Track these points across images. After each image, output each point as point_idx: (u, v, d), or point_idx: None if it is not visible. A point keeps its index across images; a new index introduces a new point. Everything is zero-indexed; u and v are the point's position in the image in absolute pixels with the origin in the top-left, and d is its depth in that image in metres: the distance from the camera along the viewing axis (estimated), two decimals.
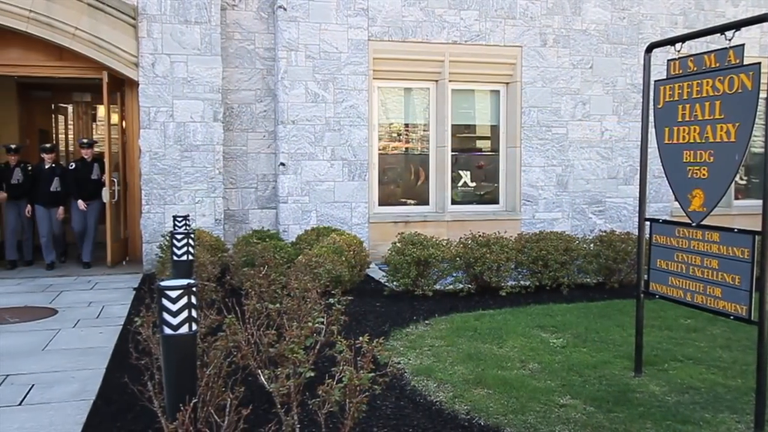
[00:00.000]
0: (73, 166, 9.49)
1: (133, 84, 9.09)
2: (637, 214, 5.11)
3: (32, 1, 8.33)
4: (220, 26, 9.02)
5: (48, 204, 9.27)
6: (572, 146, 10.52)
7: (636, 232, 5.09)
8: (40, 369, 4.86)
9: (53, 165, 9.39)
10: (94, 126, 13.27)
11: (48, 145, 9.73)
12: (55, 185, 9.29)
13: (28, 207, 9.31)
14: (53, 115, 12.72)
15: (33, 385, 4.50)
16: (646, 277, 4.69)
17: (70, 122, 13.16)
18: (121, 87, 9.58)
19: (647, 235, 4.65)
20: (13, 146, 9.33)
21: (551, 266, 7.46)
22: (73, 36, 8.53)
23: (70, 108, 13.03)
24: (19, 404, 4.16)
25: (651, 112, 4.61)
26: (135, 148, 9.38)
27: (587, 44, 10.49)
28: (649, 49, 4.70)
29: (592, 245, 7.95)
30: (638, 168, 7.33)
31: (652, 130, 4.59)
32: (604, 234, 8.05)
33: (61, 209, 9.39)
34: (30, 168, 9.39)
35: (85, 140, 9.93)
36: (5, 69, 9.23)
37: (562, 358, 5.10)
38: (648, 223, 4.67)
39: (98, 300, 7.19)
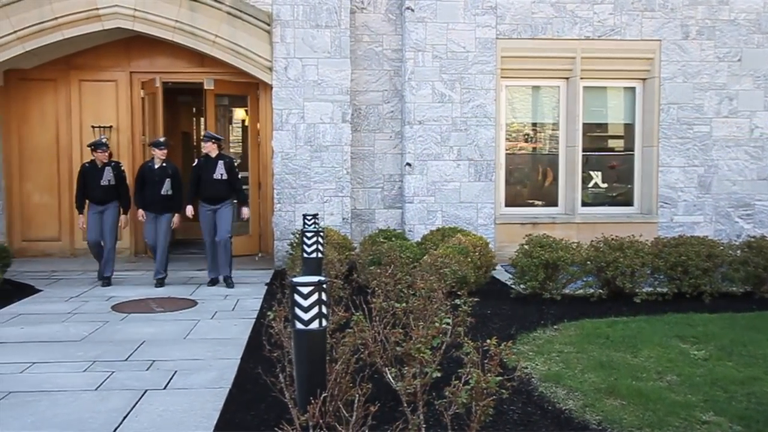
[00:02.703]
0: (196, 163, 8.30)
1: (267, 87, 9.49)
2: None
3: (178, 11, 8.90)
4: (349, 29, 9.22)
5: (158, 210, 8.07)
6: (716, 145, 9.82)
7: None
8: (182, 356, 5.17)
9: (164, 164, 8.16)
10: (230, 128, 14.01)
11: (162, 139, 8.36)
12: (166, 188, 8.06)
13: (123, 218, 8.29)
14: (194, 118, 13.55)
15: (176, 371, 4.79)
16: None
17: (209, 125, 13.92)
18: (256, 90, 10.04)
19: None
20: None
21: (692, 273, 7.00)
22: (213, 43, 9.03)
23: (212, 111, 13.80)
24: (164, 388, 4.45)
25: None
26: (268, 149, 9.79)
27: (735, 35, 9.75)
28: None
29: (738, 251, 7.38)
30: None
31: None
32: (753, 239, 7.45)
33: (177, 216, 8.21)
34: (122, 167, 8.43)
35: (203, 132, 8.81)
36: (155, 76, 9.96)
37: (705, 371, 4.76)
38: None
39: (233, 293, 7.56)
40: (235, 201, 8.26)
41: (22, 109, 9.97)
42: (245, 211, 8.31)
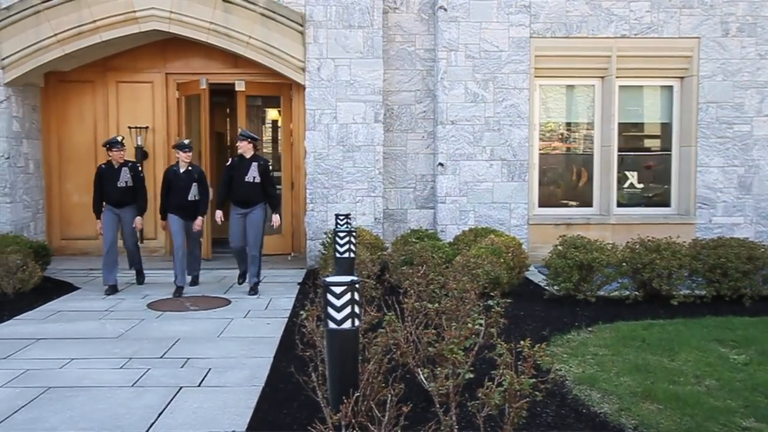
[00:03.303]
0: (229, 163, 7.84)
1: (300, 88, 9.55)
2: None
3: (212, 13, 9.01)
4: (382, 29, 9.22)
5: (186, 215, 7.70)
6: (758, 145, 9.58)
7: None
8: (216, 354, 5.22)
9: (189, 168, 7.73)
10: (263, 128, 14.13)
11: (186, 142, 7.94)
12: (193, 193, 7.70)
13: (138, 219, 7.86)
14: (228, 119, 13.69)
15: (210, 369, 4.85)
16: None
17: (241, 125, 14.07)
18: (289, 91, 10.11)
19: None
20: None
21: (731, 275, 6.84)
22: (247, 44, 9.11)
23: (243, 112, 13.95)
24: (198, 385, 4.50)
25: None
26: (301, 149, 9.84)
27: None
28: None
29: None
30: None
31: None
32: None
33: (199, 220, 7.79)
34: (141, 168, 8.06)
35: (239, 130, 8.17)
36: (190, 77, 10.12)
37: (745, 376, 4.64)
38: None
39: (266, 292, 7.61)
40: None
41: (61, 110, 10.19)
42: (276, 219, 7.78)
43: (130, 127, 10.18)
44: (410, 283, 4.84)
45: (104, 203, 7.79)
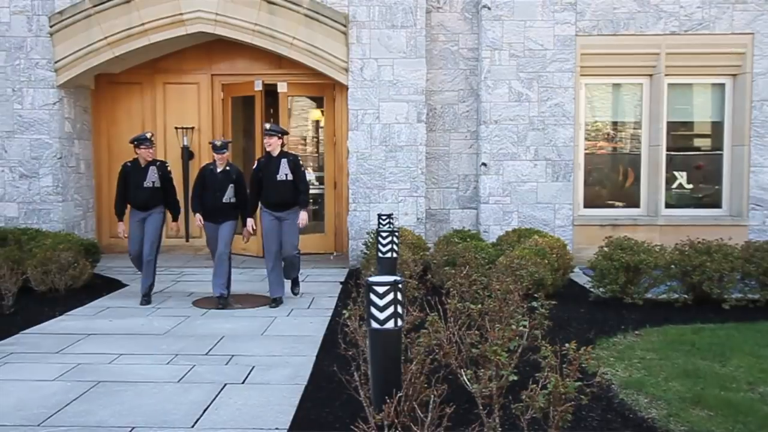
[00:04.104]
0: (256, 165, 7.19)
1: (343, 88, 9.59)
2: None
3: (257, 15, 9.11)
4: (425, 29, 9.19)
5: (218, 218, 7.03)
6: None
7: None
8: (260, 352, 5.27)
9: (227, 168, 7.09)
10: (306, 129, 14.23)
11: (219, 142, 7.15)
12: (229, 195, 7.03)
13: (174, 225, 7.55)
14: (271, 119, 13.81)
15: (254, 366, 4.90)
16: None
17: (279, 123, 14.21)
18: (332, 91, 10.16)
19: None
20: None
21: None
22: (291, 45, 9.19)
23: (285, 112, 14.08)
24: (242, 382, 4.55)
25: None
26: (343, 149, 9.89)
27: None
28: None
29: None
30: None
31: None
32: None
33: (249, 223, 7.14)
34: (169, 167, 7.46)
35: (267, 125, 7.17)
36: (235, 78, 10.27)
37: None
38: None
39: (309, 292, 7.66)
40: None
41: (110, 111, 10.44)
42: (303, 217, 6.99)
43: (176, 128, 10.38)
44: (453, 283, 4.82)
45: (128, 205, 7.23)
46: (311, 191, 10.61)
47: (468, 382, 3.50)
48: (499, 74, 9.23)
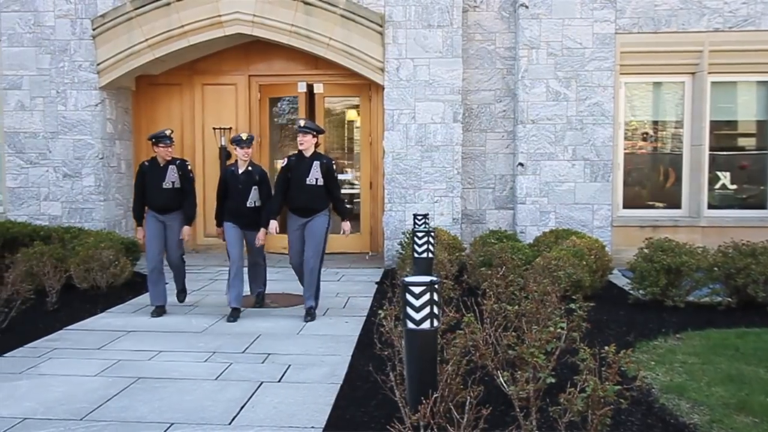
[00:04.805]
0: (285, 162, 6.54)
1: (378, 88, 9.59)
2: None
3: (294, 16, 9.17)
4: (461, 28, 9.14)
5: (245, 225, 6.52)
6: None
7: None
8: (296, 351, 5.30)
9: (249, 168, 6.50)
10: (341, 129, 14.28)
11: (244, 136, 6.49)
12: (253, 198, 6.48)
13: (186, 229, 6.68)
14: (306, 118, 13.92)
15: (290, 365, 4.93)
16: None
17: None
18: (368, 91, 10.18)
19: None
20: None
21: None
22: (327, 46, 9.23)
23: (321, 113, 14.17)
24: (279, 381, 4.58)
25: None
26: (379, 149, 9.89)
27: None
28: None
29: None
30: None
31: None
32: None
33: (262, 231, 6.48)
34: (190, 167, 6.79)
35: (302, 122, 6.56)
36: (272, 79, 10.35)
37: None
38: None
39: (344, 291, 7.69)
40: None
41: (150, 111, 10.62)
42: (347, 227, 6.53)
43: (214, 128, 10.51)
44: (489, 284, 4.78)
45: (147, 208, 6.65)
46: (346, 191, 10.71)
47: (505, 384, 3.46)
48: (536, 73, 9.13)
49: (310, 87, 10.16)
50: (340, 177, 10.69)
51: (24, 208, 9.65)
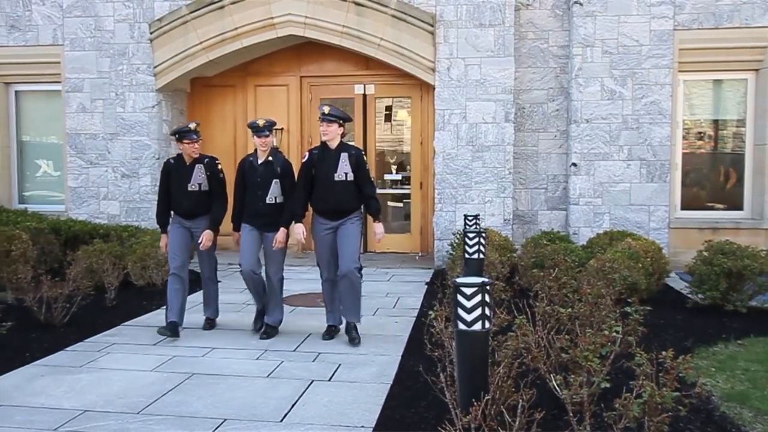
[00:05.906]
0: (306, 157, 5.55)
1: (429, 88, 9.56)
2: None
3: (345, 17, 9.22)
4: (513, 27, 9.03)
5: (262, 225, 5.68)
6: None
7: None
8: (345, 350, 5.32)
9: (269, 158, 5.67)
10: (392, 129, 14.30)
11: (261, 122, 5.64)
12: (274, 193, 5.64)
13: (207, 233, 5.73)
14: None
15: (340, 364, 4.95)
16: None
17: (367, 124, 14.33)
18: (418, 91, 10.16)
19: None
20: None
21: None
22: (378, 46, 9.24)
23: (372, 113, 14.21)
24: (329, 380, 4.61)
25: None
26: (430, 149, 9.86)
27: None
28: None
29: None
30: None
31: None
32: None
33: (281, 232, 5.56)
34: (220, 165, 5.99)
35: (326, 108, 5.42)
36: (324, 80, 10.44)
37: None
38: None
39: (394, 291, 7.68)
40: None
41: (205, 113, 10.82)
42: (380, 230, 5.54)
43: None
44: (541, 286, 4.70)
45: (172, 213, 5.91)
46: (397, 191, 10.72)
47: (558, 388, 3.40)
48: (590, 72, 8.95)
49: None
50: (390, 177, 10.73)
51: (84, 207, 9.97)
